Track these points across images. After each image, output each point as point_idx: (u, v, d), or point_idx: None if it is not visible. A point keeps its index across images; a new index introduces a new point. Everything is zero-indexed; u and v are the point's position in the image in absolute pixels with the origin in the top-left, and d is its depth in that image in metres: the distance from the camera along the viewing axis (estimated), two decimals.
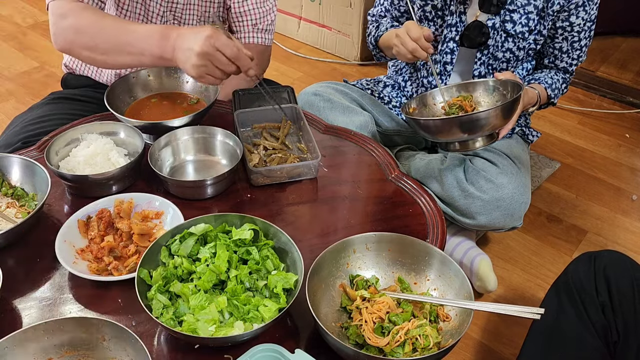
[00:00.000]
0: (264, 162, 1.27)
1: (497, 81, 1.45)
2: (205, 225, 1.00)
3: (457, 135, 1.35)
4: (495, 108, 1.28)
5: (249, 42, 1.62)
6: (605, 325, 1.05)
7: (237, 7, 1.56)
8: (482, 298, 1.72)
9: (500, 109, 1.29)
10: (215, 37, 1.14)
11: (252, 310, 0.91)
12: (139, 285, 0.91)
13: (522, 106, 1.41)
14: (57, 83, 1.72)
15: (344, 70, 2.96)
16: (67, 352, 0.85)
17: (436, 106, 1.51)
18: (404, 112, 1.43)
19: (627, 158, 2.40)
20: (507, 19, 1.51)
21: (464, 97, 1.47)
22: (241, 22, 1.59)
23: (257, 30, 1.60)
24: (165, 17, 1.51)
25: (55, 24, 1.31)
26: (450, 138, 1.39)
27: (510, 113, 1.34)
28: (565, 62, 1.61)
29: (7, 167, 1.18)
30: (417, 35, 1.41)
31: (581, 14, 1.50)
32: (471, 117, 1.30)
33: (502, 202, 1.52)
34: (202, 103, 1.42)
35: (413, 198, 1.24)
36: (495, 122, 1.31)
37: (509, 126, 1.39)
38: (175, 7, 1.50)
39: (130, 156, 1.25)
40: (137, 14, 1.49)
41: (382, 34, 1.67)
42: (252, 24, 1.59)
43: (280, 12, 3.11)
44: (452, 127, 1.33)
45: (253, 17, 1.58)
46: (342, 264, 1.01)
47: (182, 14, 1.53)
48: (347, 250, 1.01)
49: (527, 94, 1.51)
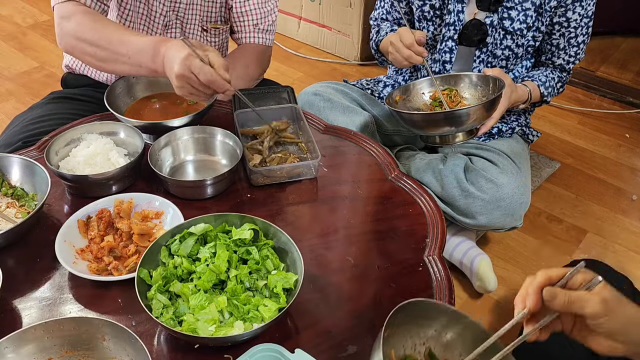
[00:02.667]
0: (264, 162, 1.27)
1: (482, 76, 1.48)
2: (205, 225, 1.00)
3: (436, 130, 1.42)
4: (475, 107, 1.34)
5: (249, 42, 1.62)
6: None
7: (238, 7, 1.57)
8: (483, 298, 1.72)
9: (479, 108, 1.34)
10: (190, 60, 1.15)
11: (252, 310, 0.91)
12: (139, 285, 0.91)
13: (508, 102, 1.45)
14: (57, 83, 1.72)
15: (344, 70, 2.96)
16: (67, 352, 0.85)
17: (422, 96, 1.56)
18: (387, 103, 1.47)
19: (627, 158, 2.40)
20: (505, 16, 1.51)
21: (450, 89, 1.52)
22: (242, 22, 1.59)
23: (258, 30, 1.60)
24: (167, 17, 1.51)
25: (59, 25, 1.34)
26: (430, 132, 1.45)
27: (491, 110, 1.38)
28: (562, 59, 1.61)
29: (7, 167, 1.17)
30: (409, 41, 1.44)
31: (577, 9, 1.50)
32: (453, 114, 1.36)
33: (502, 202, 1.52)
34: (202, 103, 1.42)
35: (413, 198, 1.24)
36: (474, 119, 1.37)
37: (490, 123, 1.44)
38: (178, 7, 1.51)
39: (130, 156, 1.25)
40: (140, 13, 1.49)
41: (382, 38, 1.68)
42: (253, 24, 1.59)
43: (280, 12, 3.11)
44: (431, 122, 1.41)
45: (254, 17, 1.59)
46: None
47: (185, 14, 1.53)
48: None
49: (517, 91, 1.52)
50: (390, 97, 1.51)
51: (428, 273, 1.06)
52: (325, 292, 1.02)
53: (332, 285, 1.04)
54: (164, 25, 1.53)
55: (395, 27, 1.70)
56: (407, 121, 1.43)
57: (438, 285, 1.04)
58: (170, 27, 1.54)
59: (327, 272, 1.06)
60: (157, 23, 1.52)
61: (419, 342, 0.90)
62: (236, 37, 1.65)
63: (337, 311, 0.99)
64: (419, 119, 1.41)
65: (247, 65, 1.61)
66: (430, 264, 1.08)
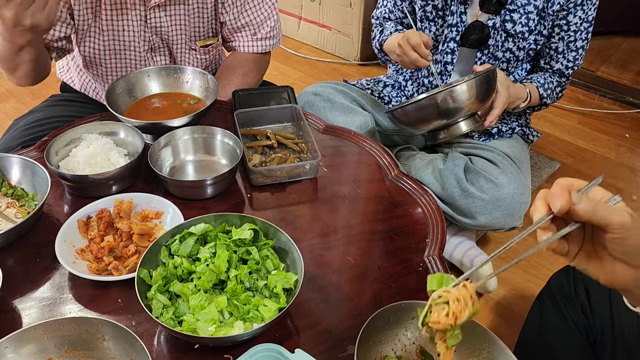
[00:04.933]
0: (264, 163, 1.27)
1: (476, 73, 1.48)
2: (205, 225, 1.00)
3: (436, 119, 1.39)
4: (462, 83, 1.32)
5: (247, 52, 1.59)
6: (586, 325, 1.08)
7: (233, 23, 1.53)
8: (483, 298, 1.72)
9: (467, 84, 1.33)
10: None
11: (252, 310, 0.91)
12: (139, 285, 0.90)
13: (507, 94, 1.45)
14: (57, 83, 1.72)
15: (344, 70, 2.96)
16: (67, 352, 0.85)
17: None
18: (386, 112, 1.47)
19: (627, 158, 2.40)
20: (507, 19, 1.51)
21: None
22: (240, 34, 1.57)
23: (257, 39, 1.58)
24: (152, 41, 1.48)
25: None
26: (431, 125, 1.42)
27: (485, 92, 1.36)
28: (561, 63, 1.61)
29: (7, 167, 1.18)
30: (416, 42, 1.44)
31: (579, 13, 1.50)
32: (440, 95, 1.34)
33: (502, 202, 1.52)
34: (202, 103, 1.42)
35: (413, 198, 1.24)
36: (468, 100, 1.34)
37: (495, 112, 1.43)
38: (161, 30, 1.46)
39: (130, 156, 1.25)
40: (121, 40, 1.46)
41: (387, 38, 1.68)
42: (251, 34, 1.57)
43: (280, 12, 3.11)
44: (426, 109, 1.38)
45: (251, 28, 1.56)
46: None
47: (169, 36, 1.48)
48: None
49: (515, 87, 1.52)
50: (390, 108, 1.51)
51: (428, 273, 1.06)
52: (325, 292, 1.02)
53: (332, 285, 1.04)
54: (149, 49, 1.50)
55: (399, 27, 1.70)
56: (404, 117, 1.42)
57: None
58: (156, 49, 1.51)
59: (327, 272, 1.06)
60: (141, 48, 1.48)
61: (408, 343, 0.91)
62: (233, 46, 1.61)
63: (337, 311, 0.99)
64: (413, 108, 1.39)
65: (246, 74, 1.59)
66: (430, 264, 1.08)
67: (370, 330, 0.87)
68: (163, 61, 1.54)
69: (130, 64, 1.51)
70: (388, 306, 0.88)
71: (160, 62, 1.54)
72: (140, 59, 1.50)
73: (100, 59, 1.48)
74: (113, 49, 1.47)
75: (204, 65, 1.60)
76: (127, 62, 1.50)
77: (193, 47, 1.54)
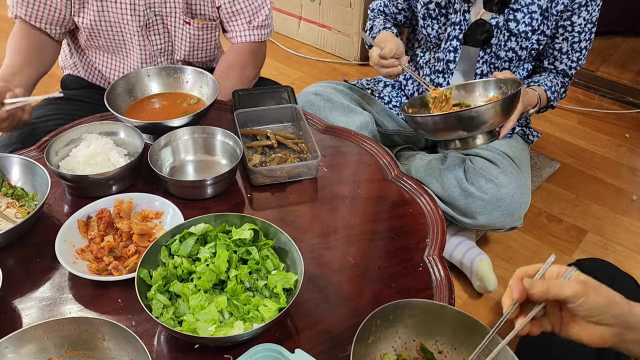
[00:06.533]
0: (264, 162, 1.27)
1: (496, 80, 1.46)
2: (205, 225, 1.00)
3: (456, 132, 1.35)
4: (495, 103, 1.29)
5: (244, 41, 1.60)
6: None
7: (228, 7, 1.55)
8: (483, 298, 1.72)
9: (499, 104, 1.30)
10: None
11: (252, 310, 0.91)
12: (139, 285, 0.91)
13: (522, 105, 1.41)
14: (57, 83, 1.72)
15: (344, 70, 2.96)
16: (67, 352, 0.85)
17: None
18: (402, 112, 1.44)
19: (627, 158, 2.40)
20: (511, 18, 1.51)
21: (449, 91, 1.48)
22: (234, 21, 1.58)
23: (252, 27, 1.59)
24: (146, 16, 1.49)
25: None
26: (449, 135, 1.39)
27: (510, 109, 1.34)
28: (565, 64, 1.61)
29: (7, 167, 1.18)
30: (374, 62, 1.51)
31: (583, 14, 1.50)
32: (470, 113, 1.30)
33: (502, 202, 1.52)
34: (202, 103, 1.42)
35: (413, 198, 1.24)
36: (494, 118, 1.32)
37: (510, 124, 1.40)
38: (154, 2, 1.47)
39: (130, 156, 1.25)
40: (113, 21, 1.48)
41: (375, 36, 1.67)
42: (246, 21, 1.58)
43: (280, 12, 3.11)
44: (450, 123, 1.33)
45: (246, 14, 1.57)
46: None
47: (163, 8, 1.49)
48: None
49: (527, 95, 1.50)
50: (405, 106, 1.48)
51: (428, 273, 1.06)
52: (325, 292, 1.02)
53: (332, 285, 1.04)
54: (144, 26, 1.50)
55: (388, 25, 1.69)
56: (424, 125, 1.37)
57: (438, 285, 1.04)
58: (150, 25, 1.52)
59: (327, 272, 1.06)
60: (135, 25, 1.49)
61: (409, 340, 0.92)
62: (229, 37, 1.63)
63: (337, 311, 0.99)
64: (437, 120, 1.34)
65: (244, 67, 1.60)
66: (430, 264, 1.08)
67: (369, 329, 0.87)
68: (158, 40, 1.55)
69: (127, 40, 1.53)
70: (387, 304, 0.88)
71: (155, 40, 1.55)
72: (134, 33, 1.51)
73: (99, 29, 1.50)
74: (108, 21, 1.48)
75: (200, 42, 1.60)
76: (123, 35, 1.52)
77: (187, 21, 1.54)
